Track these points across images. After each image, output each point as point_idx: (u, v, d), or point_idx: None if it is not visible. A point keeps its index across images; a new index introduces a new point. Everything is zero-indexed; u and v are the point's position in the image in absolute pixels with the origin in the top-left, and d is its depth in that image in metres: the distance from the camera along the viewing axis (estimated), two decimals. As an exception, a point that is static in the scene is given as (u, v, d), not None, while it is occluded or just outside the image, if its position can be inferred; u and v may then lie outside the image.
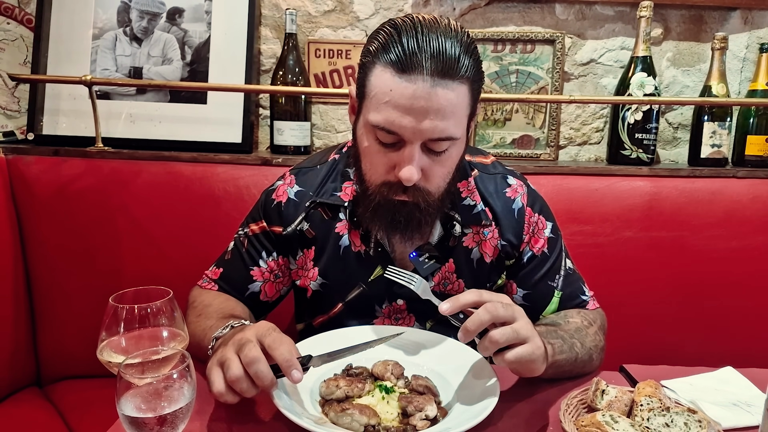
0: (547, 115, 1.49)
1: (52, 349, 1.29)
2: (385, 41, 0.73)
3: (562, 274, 0.94)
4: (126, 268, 1.26)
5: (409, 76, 0.71)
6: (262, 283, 0.95)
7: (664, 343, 1.26)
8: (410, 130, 0.73)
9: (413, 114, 0.72)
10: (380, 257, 0.90)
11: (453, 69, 0.71)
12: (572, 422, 0.68)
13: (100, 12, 1.42)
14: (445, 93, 0.72)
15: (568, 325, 0.87)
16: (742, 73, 1.50)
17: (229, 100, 1.41)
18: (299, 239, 0.93)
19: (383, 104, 0.73)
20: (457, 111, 0.74)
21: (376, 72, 0.74)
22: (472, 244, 0.91)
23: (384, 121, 0.73)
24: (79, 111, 1.40)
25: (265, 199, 0.96)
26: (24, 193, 1.25)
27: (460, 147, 0.80)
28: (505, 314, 0.68)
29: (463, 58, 0.72)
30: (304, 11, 1.48)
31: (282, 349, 0.66)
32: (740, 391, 0.81)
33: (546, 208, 0.96)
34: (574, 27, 1.48)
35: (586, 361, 0.84)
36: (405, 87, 0.71)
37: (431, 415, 0.69)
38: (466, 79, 0.73)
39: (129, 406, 0.56)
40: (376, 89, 0.74)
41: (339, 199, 0.90)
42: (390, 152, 0.77)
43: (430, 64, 0.70)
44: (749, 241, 1.24)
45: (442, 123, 0.73)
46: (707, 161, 1.38)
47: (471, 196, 0.91)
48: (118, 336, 0.67)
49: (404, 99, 0.71)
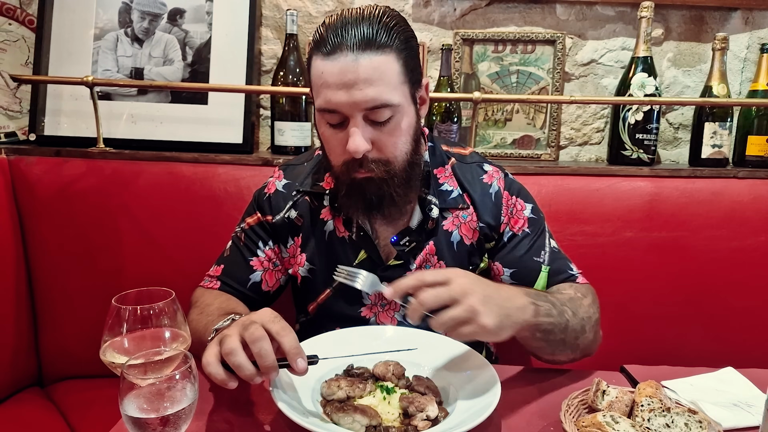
0: (547, 115, 1.50)
1: (54, 349, 1.30)
2: (317, 37, 0.80)
3: (547, 250, 0.95)
4: (127, 268, 1.27)
5: (334, 55, 0.77)
6: (263, 272, 0.99)
7: (664, 343, 1.26)
8: (345, 104, 0.78)
9: (344, 88, 0.77)
10: (363, 241, 0.93)
11: (373, 40, 0.77)
12: (573, 423, 0.68)
13: (102, 13, 1.43)
14: (369, 61, 0.77)
15: (560, 295, 0.87)
16: (743, 73, 1.50)
17: (230, 101, 1.42)
18: (288, 227, 0.98)
19: (319, 87, 0.80)
20: (385, 77, 0.78)
21: (312, 64, 0.81)
22: (452, 227, 0.94)
23: (323, 102, 0.80)
24: (80, 112, 1.40)
25: (258, 195, 1.02)
26: (26, 193, 1.25)
27: (408, 117, 0.83)
28: (433, 278, 0.68)
29: (383, 31, 0.78)
30: (304, 12, 1.48)
31: (290, 336, 0.67)
32: (741, 391, 0.81)
33: (524, 192, 0.99)
34: (574, 27, 1.48)
35: (578, 331, 0.84)
36: (332, 65, 0.77)
37: (432, 415, 0.70)
38: (390, 48, 0.78)
39: (132, 407, 0.57)
40: (314, 78, 0.81)
41: (321, 187, 0.96)
42: (339, 132, 0.82)
43: (351, 42, 0.76)
44: (750, 242, 1.24)
45: (373, 89, 0.77)
46: (708, 161, 1.38)
47: (448, 182, 0.95)
48: (121, 337, 0.68)
49: (333, 77, 0.77)
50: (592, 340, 0.88)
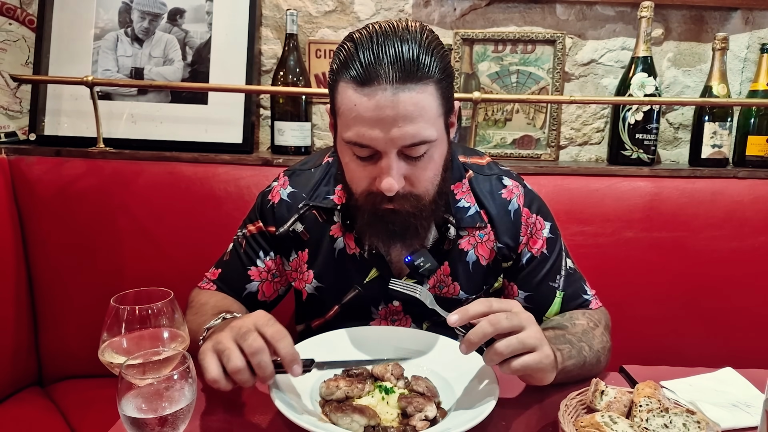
0: (547, 115, 1.49)
1: (54, 348, 1.30)
2: (345, 58, 0.73)
3: (563, 274, 0.93)
4: (127, 267, 1.27)
5: (370, 88, 0.70)
6: (260, 283, 0.96)
7: (664, 343, 1.26)
8: (381, 140, 0.72)
9: (381, 125, 0.71)
10: (375, 260, 0.90)
11: (414, 72, 0.70)
12: (571, 423, 0.68)
13: (102, 12, 1.43)
14: (410, 97, 0.70)
15: (574, 328, 0.86)
16: (743, 73, 1.50)
17: (230, 101, 1.42)
18: (293, 240, 0.93)
19: (351, 120, 0.73)
20: (425, 113, 0.72)
21: (340, 90, 0.74)
22: (468, 246, 0.91)
23: (355, 136, 0.73)
24: (80, 111, 1.40)
25: (261, 200, 0.97)
26: (26, 193, 1.26)
27: (441, 148, 0.79)
28: (509, 324, 0.67)
29: (424, 58, 0.71)
30: (304, 12, 1.48)
31: (285, 341, 0.66)
32: (739, 391, 0.81)
33: (544, 208, 0.95)
34: (574, 27, 1.48)
35: (594, 364, 0.83)
36: (367, 100, 0.70)
37: (431, 415, 0.70)
38: (431, 79, 0.72)
39: (130, 407, 0.57)
40: (342, 107, 0.74)
41: (332, 202, 0.90)
42: (369, 165, 0.76)
43: (389, 73, 0.69)
44: (750, 242, 1.24)
45: (412, 127, 0.72)
46: (708, 161, 1.38)
47: (465, 198, 0.90)
48: (120, 337, 0.68)
49: (369, 112, 0.71)
50: (603, 368, 0.88)
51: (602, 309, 0.96)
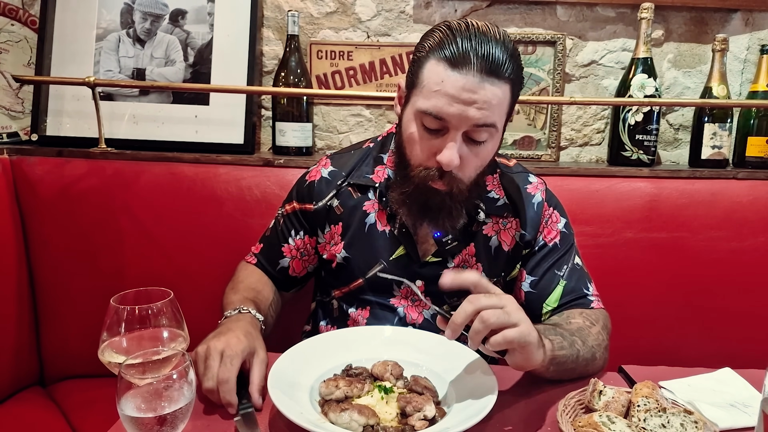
0: (548, 116, 1.50)
1: (55, 348, 1.30)
2: (441, 39, 0.79)
3: (570, 266, 0.97)
4: (128, 268, 1.27)
5: (461, 70, 0.77)
6: (291, 260, 1.04)
7: (663, 343, 1.26)
8: (456, 116, 0.78)
9: (461, 103, 0.78)
10: (404, 237, 0.95)
11: (499, 69, 0.78)
12: (569, 423, 0.69)
13: (104, 13, 1.43)
14: (492, 88, 0.78)
15: (569, 325, 0.88)
16: (743, 74, 1.50)
17: (232, 102, 1.42)
18: (327, 214, 1.00)
19: (434, 92, 0.79)
20: (499, 106, 0.80)
21: (429, 65, 0.80)
22: (492, 232, 0.97)
23: (433, 107, 0.79)
24: (82, 112, 1.41)
25: (299, 182, 1.05)
26: (28, 193, 1.26)
27: (496, 141, 0.86)
28: (489, 302, 0.68)
29: (509, 61, 0.79)
30: (306, 13, 1.48)
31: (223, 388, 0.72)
32: (738, 391, 0.81)
33: (560, 207, 1.02)
34: (575, 28, 1.48)
35: (589, 360, 0.84)
36: (456, 79, 0.77)
37: (430, 415, 0.70)
38: (509, 80, 0.80)
39: (129, 406, 0.57)
40: (428, 80, 0.80)
41: (370, 180, 0.97)
42: (433, 138, 0.82)
43: (479, 63, 0.77)
44: (749, 243, 1.24)
45: (486, 113, 0.79)
46: (708, 162, 1.38)
47: (495, 191, 0.97)
48: (119, 336, 0.68)
49: (454, 89, 0.77)
50: (601, 366, 0.88)
51: (602, 311, 0.96)
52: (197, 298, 1.10)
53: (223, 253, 1.20)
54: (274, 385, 0.71)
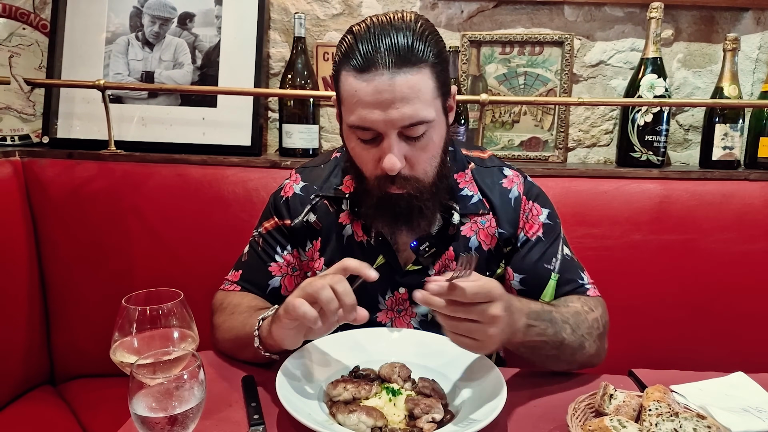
0: (555, 117, 1.49)
1: (66, 348, 1.32)
2: (346, 49, 0.78)
3: (559, 258, 0.94)
4: (137, 268, 1.28)
5: (369, 74, 0.76)
6: (281, 278, 0.98)
7: (673, 347, 1.24)
8: (381, 122, 0.77)
9: (380, 107, 0.76)
10: (382, 246, 0.93)
11: (408, 57, 0.75)
12: (579, 426, 0.68)
13: (113, 17, 1.45)
14: (406, 80, 0.75)
15: (566, 309, 0.86)
16: (755, 74, 1.48)
17: (239, 104, 1.43)
18: (307, 231, 0.97)
19: (353, 105, 0.78)
20: (421, 94, 0.77)
21: (342, 78, 0.79)
22: (470, 233, 0.94)
23: (357, 119, 0.78)
24: (92, 114, 1.42)
25: (274, 198, 1.01)
26: (39, 195, 1.28)
27: (440, 130, 0.83)
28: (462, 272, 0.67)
29: (417, 44, 0.76)
30: (312, 15, 1.49)
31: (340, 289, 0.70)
32: (751, 396, 0.80)
33: (543, 197, 0.98)
34: (583, 28, 1.48)
35: (576, 348, 0.83)
36: (366, 85, 0.76)
37: (438, 417, 0.70)
38: (425, 63, 0.77)
39: (141, 406, 0.58)
40: (345, 93, 0.79)
41: (341, 191, 0.95)
42: (372, 148, 0.81)
43: (386, 59, 0.75)
44: (761, 245, 1.23)
45: (409, 108, 0.76)
46: (719, 163, 1.37)
47: (468, 187, 0.94)
48: (131, 337, 0.69)
49: (369, 96, 0.76)
50: (592, 354, 0.86)
51: (599, 298, 0.94)
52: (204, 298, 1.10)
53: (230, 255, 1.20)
54: (282, 386, 0.71)
